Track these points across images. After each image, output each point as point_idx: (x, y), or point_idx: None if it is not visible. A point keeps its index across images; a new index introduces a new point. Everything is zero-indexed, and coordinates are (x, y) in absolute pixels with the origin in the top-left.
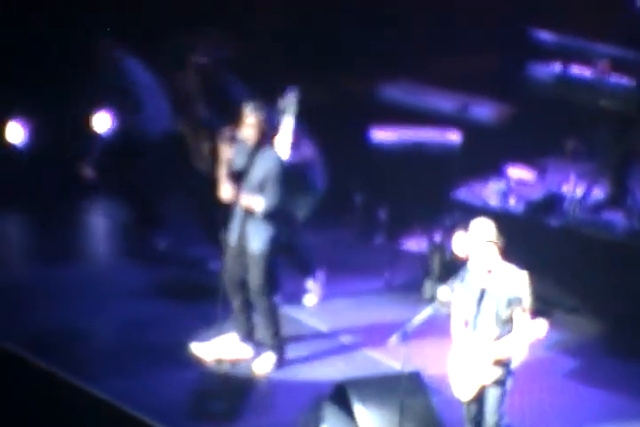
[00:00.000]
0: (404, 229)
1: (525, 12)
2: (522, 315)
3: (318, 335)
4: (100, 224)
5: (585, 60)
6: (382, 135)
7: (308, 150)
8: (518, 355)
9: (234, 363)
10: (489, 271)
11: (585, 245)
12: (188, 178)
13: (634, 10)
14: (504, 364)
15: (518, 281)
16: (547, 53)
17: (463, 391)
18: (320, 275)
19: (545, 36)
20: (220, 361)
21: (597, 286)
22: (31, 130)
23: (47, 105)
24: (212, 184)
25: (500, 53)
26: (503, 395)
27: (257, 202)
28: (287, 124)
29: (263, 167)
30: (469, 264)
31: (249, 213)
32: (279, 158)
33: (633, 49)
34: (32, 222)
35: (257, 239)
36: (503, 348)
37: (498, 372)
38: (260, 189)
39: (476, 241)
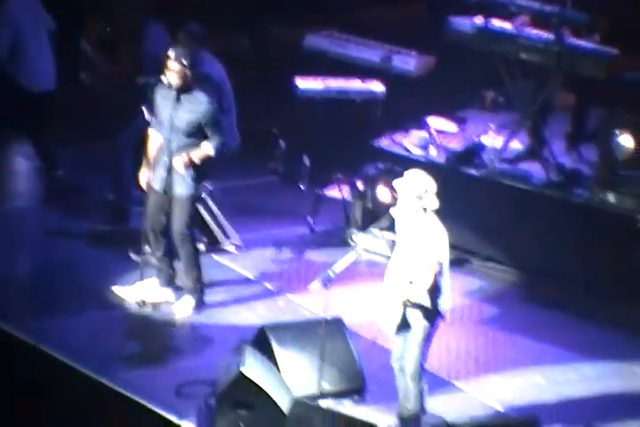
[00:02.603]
0: (328, 176)
1: None
2: (428, 265)
3: (241, 280)
4: (18, 166)
5: (506, 13)
6: (307, 83)
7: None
8: (437, 297)
9: (155, 306)
10: (413, 222)
11: (503, 194)
12: None
13: None
14: (419, 306)
15: (435, 235)
16: (469, 6)
17: (387, 331)
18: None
19: None
20: (141, 303)
21: (514, 236)
22: None
23: None
24: None
25: (423, 5)
26: (422, 339)
27: (206, 148)
28: None
29: (192, 110)
30: (393, 212)
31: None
32: (209, 100)
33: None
34: None
35: (184, 184)
36: (409, 291)
37: (413, 314)
38: (189, 133)
39: (405, 192)
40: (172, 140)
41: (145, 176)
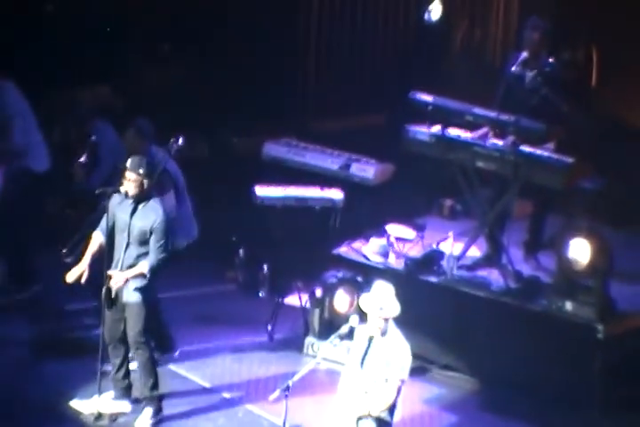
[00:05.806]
0: (287, 283)
1: (409, 75)
2: (392, 382)
3: (199, 390)
4: None
5: (463, 122)
6: (266, 191)
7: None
8: (393, 411)
9: (112, 418)
10: (377, 334)
11: (461, 302)
12: None
13: (506, 73)
14: (377, 419)
15: (399, 350)
16: (427, 115)
17: None
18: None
19: (426, 98)
20: (98, 416)
21: (472, 343)
22: None
23: None
24: None
25: (383, 114)
26: None
27: (141, 267)
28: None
29: (146, 218)
30: (352, 321)
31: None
32: (163, 210)
33: (505, 111)
34: None
35: (134, 292)
36: (372, 405)
37: (366, 424)
38: (141, 242)
39: (372, 304)
40: (127, 247)
41: (75, 274)
